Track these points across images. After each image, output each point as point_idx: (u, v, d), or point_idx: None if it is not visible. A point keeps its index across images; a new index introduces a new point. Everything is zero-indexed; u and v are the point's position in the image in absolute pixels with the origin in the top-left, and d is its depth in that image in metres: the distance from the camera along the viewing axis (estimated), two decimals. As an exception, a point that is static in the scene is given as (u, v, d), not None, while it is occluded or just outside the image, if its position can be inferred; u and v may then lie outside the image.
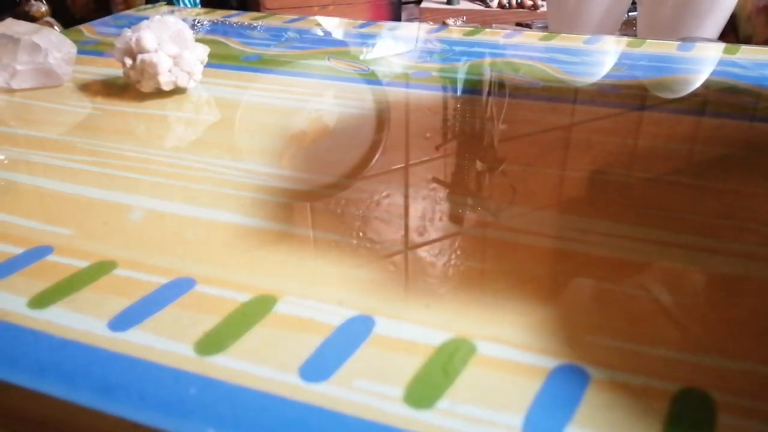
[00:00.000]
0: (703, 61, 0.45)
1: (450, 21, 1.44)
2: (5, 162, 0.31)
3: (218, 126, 0.35)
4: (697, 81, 0.42)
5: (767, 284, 0.21)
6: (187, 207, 0.26)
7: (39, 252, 0.23)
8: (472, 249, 0.24)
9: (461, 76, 0.43)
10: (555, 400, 0.17)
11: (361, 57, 0.46)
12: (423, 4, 1.54)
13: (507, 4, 1.51)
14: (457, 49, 0.48)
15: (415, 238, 0.24)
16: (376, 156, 0.31)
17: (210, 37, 0.51)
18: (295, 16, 0.58)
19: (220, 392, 0.17)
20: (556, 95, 0.38)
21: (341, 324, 0.20)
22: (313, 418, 0.16)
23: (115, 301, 0.21)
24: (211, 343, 0.19)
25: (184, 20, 0.52)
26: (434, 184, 0.28)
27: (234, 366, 0.18)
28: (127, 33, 0.38)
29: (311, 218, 0.26)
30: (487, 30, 0.53)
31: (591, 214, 0.26)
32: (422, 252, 0.24)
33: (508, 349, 0.19)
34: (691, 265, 0.22)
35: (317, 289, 0.21)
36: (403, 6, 1.56)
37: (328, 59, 0.45)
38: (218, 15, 0.59)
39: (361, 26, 0.54)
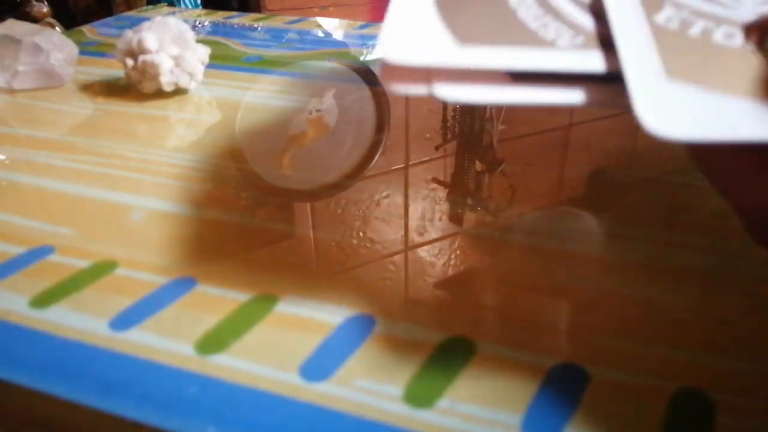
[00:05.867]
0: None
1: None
2: (7, 162, 0.31)
3: (219, 126, 0.35)
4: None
5: None
6: (188, 207, 0.27)
7: (40, 252, 0.23)
8: (472, 249, 0.24)
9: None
10: (554, 399, 0.17)
11: (362, 58, 0.46)
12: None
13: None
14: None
15: (415, 238, 0.24)
16: (376, 156, 0.31)
17: (211, 38, 0.51)
18: (296, 18, 0.58)
19: (221, 391, 0.17)
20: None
21: (341, 324, 0.20)
22: (313, 417, 0.16)
23: (116, 301, 0.21)
24: (212, 342, 0.19)
25: (185, 21, 0.52)
26: (434, 184, 0.28)
27: (234, 365, 0.18)
28: (129, 34, 0.38)
29: (311, 218, 0.26)
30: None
31: (591, 214, 0.26)
32: (422, 252, 0.24)
33: (507, 349, 0.19)
34: (692, 265, 0.22)
35: (317, 289, 0.22)
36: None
37: (329, 60, 0.45)
38: (219, 16, 0.59)
39: (362, 27, 0.54)
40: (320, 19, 0.57)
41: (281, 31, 0.53)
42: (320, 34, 0.52)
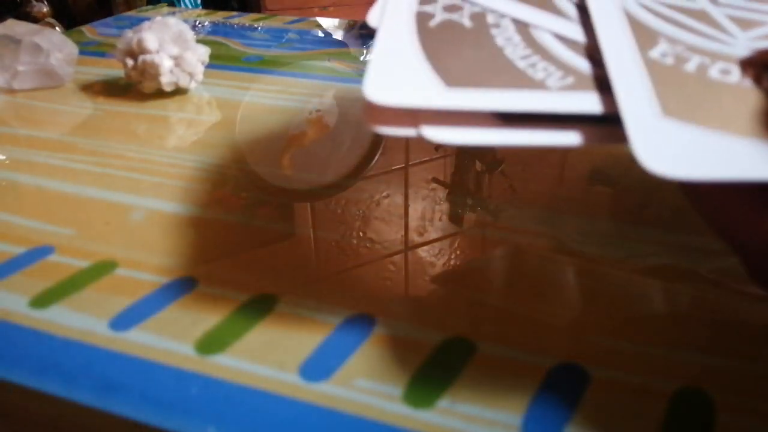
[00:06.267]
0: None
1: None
2: (7, 162, 0.31)
3: (219, 126, 0.35)
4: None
5: None
6: (187, 207, 0.27)
7: (40, 252, 0.23)
8: (472, 249, 0.24)
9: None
10: (554, 399, 0.17)
11: (362, 58, 0.46)
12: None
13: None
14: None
15: (415, 238, 0.24)
16: (376, 156, 0.31)
17: (211, 38, 0.51)
18: (296, 17, 0.58)
19: (221, 391, 0.17)
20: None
21: (341, 324, 0.20)
22: (313, 418, 0.16)
23: (116, 301, 0.21)
24: (212, 342, 0.19)
25: (185, 21, 0.52)
26: (434, 184, 0.28)
27: (234, 365, 0.18)
28: (129, 34, 0.38)
29: (311, 218, 0.26)
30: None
31: (591, 214, 0.26)
32: (422, 252, 0.24)
33: (507, 349, 0.19)
34: (692, 265, 0.22)
35: (317, 289, 0.22)
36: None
37: (329, 60, 0.45)
38: (219, 16, 0.59)
39: (361, 27, 0.54)
40: (320, 19, 0.57)
41: (281, 31, 0.53)
42: (320, 34, 0.52)
